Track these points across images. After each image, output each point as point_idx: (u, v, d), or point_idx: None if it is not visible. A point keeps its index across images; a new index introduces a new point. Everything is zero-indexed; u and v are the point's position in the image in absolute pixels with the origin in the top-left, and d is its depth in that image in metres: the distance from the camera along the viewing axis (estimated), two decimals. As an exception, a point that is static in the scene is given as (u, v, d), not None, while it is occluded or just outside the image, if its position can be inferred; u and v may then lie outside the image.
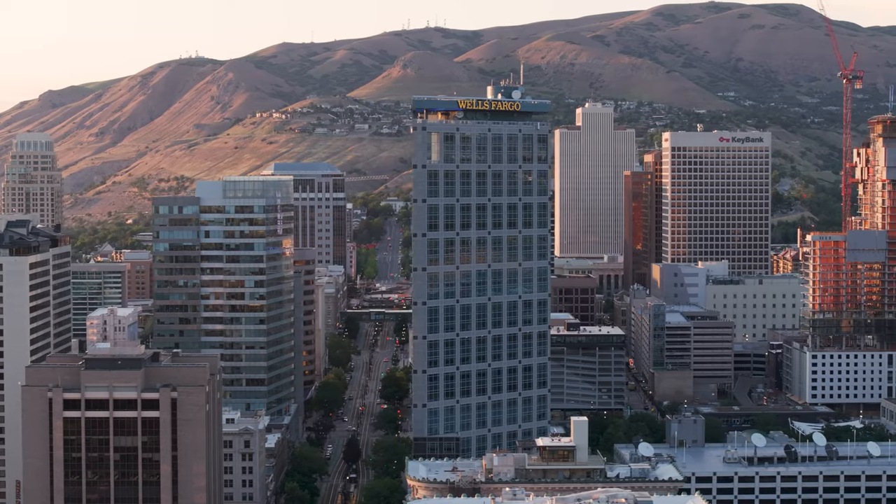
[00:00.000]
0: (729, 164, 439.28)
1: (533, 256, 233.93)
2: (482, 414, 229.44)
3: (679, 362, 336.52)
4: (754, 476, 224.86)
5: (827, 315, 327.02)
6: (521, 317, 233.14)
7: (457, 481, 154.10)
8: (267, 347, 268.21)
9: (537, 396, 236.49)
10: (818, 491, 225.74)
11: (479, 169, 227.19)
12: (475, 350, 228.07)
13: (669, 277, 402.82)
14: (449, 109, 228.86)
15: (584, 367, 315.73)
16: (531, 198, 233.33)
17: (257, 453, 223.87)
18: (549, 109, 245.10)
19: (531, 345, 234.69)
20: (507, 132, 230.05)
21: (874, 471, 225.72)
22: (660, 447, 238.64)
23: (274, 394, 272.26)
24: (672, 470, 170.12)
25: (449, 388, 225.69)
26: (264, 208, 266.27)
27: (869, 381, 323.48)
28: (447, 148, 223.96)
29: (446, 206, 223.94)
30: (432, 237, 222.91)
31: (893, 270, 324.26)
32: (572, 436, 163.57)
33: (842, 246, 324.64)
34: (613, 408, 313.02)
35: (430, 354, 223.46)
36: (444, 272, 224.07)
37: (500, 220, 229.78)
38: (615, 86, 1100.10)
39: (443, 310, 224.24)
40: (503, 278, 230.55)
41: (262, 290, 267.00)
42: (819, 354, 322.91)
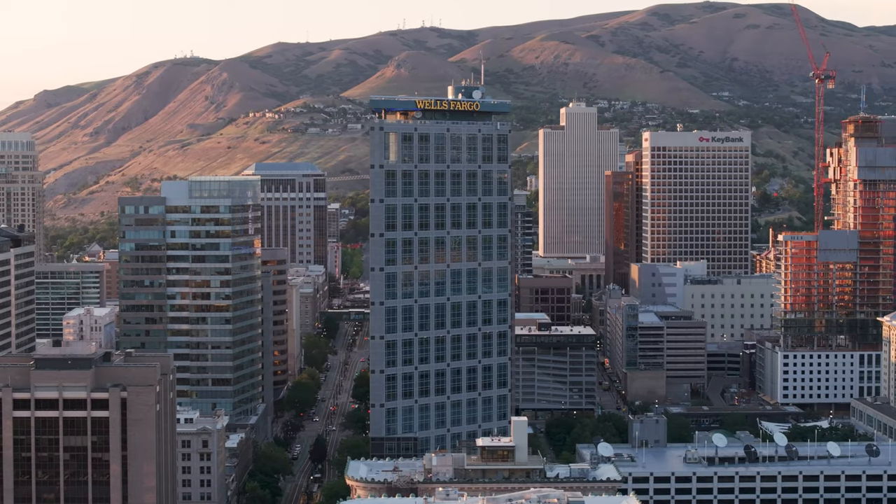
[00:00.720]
0: (709, 164, 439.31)
1: (493, 256, 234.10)
2: (441, 414, 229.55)
3: (652, 362, 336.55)
4: (713, 476, 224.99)
5: (798, 315, 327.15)
6: (480, 317, 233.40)
7: (394, 481, 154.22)
8: (233, 347, 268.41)
9: (497, 396, 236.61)
10: (777, 491, 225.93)
11: (438, 169, 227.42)
12: (434, 350, 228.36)
13: (647, 277, 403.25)
14: (408, 109, 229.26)
15: (556, 367, 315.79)
16: (491, 198, 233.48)
17: (215, 453, 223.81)
18: (509, 110, 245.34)
19: (491, 345, 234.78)
20: (466, 132, 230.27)
21: (833, 471, 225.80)
22: (622, 447, 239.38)
23: (240, 393, 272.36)
24: (612, 471, 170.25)
25: (407, 388, 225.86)
26: (230, 208, 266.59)
27: (840, 381, 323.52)
28: (405, 148, 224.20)
29: (404, 206, 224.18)
30: (390, 237, 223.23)
31: (865, 270, 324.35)
32: (512, 436, 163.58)
33: (813, 246, 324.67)
34: (584, 408, 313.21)
35: (388, 354, 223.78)
36: (402, 272, 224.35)
37: (459, 220, 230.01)
38: (609, 86, 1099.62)
39: (401, 310, 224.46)
40: (462, 278, 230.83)
41: (227, 290, 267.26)
42: (790, 354, 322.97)
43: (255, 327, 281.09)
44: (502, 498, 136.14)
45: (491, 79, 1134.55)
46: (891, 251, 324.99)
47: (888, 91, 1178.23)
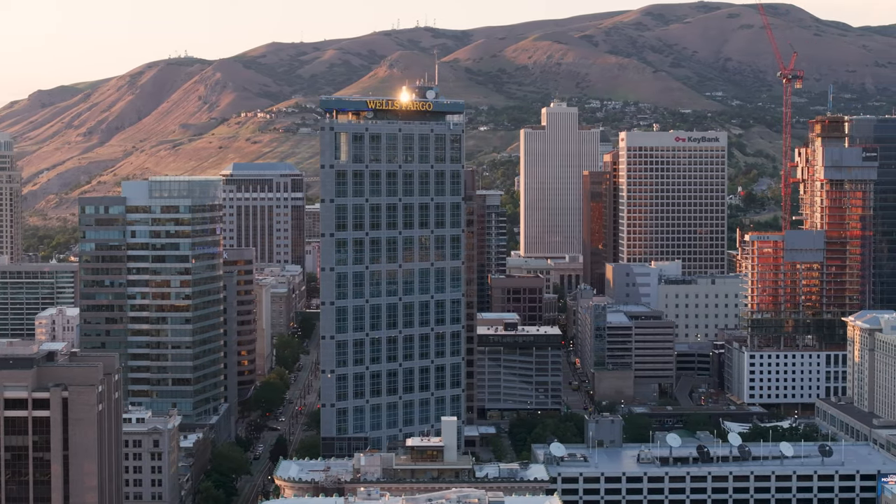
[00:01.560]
0: (685, 164, 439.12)
1: (446, 256, 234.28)
2: (393, 414, 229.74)
3: (620, 362, 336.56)
4: (664, 476, 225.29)
5: (765, 315, 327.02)
6: (433, 317, 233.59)
7: (321, 481, 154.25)
8: (193, 347, 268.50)
9: (451, 396, 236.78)
10: (728, 491, 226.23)
11: (390, 169, 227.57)
12: (386, 350, 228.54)
13: (621, 277, 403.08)
14: (359, 109, 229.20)
15: (522, 367, 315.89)
16: (444, 198, 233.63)
17: (167, 453, 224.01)
18: (462, 110, 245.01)
19: (444, 345, 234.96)
20: (418, 132, 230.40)
21: (785, 471, 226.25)
22: (577, 447, 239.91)
23: (201, 393, 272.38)
24: (541, 471, 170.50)
25: (358, 388, 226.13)
26: (190, 208, 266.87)
27: (807, 381, 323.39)
28: (356, 148, 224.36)
29: (355, 206, 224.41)
30: (340, 237, 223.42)
31: (832, 270, 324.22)
32: (442, 436, 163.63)
33: (780, 246, 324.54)
34: (550, 407, 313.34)
35: (339, 354, 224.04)
36: (352, 272, 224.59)
37: (411, 220, 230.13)
38: (602, 85, 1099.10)
39: (351, 310, 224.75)
40: (415, 278, 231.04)
41: (187, 290, 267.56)
42: (757, 354, 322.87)
43: (217, 327, 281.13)
44: (422, 498, 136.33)
45: (483, 79, 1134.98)
46: (857, 251, 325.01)
47: (882, 91, 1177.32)
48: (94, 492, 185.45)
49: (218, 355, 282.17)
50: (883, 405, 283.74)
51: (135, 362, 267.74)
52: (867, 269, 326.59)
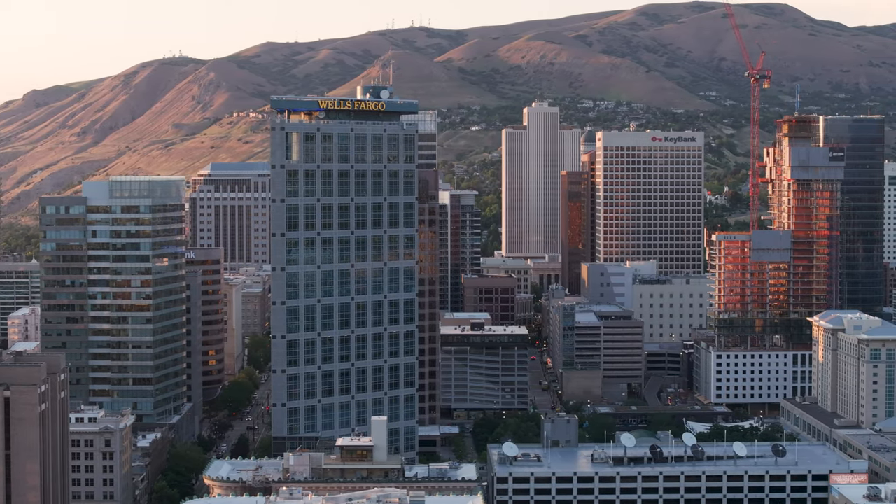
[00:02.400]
0: (662, 164, 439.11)
1: (399, 256, 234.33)
2: (345, 413, 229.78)
3: (588, 362, 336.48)
4: (615, 476, 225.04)
5: (732, 315, 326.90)
6: (386, 316, 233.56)
7: (249, 481, 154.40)
8: (154, 347, 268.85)
9: (404, 396, 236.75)
10: (680, 491, 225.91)
11: (342, 169, 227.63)
12: (338, 350, 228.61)
13: (596, 277, 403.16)
14: (311, 109, 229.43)
15: (488, 367, 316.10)
16: (397, 198, 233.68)
17: (118, 452, 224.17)
18: (416, 110, 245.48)
19: (397, 344, 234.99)
20: (371, 132, 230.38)
21: (737, 471, 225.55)
22: (532, 447, 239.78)
23: (162, 393, 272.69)
24: (470, 471, 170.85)
25: (310, 388, 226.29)
26: (150, 208, 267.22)
27: (773, 382, 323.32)
28: (307, 148, 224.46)
29: (306, 206, 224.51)
30: (291, 237, 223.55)
31: (799, 270, 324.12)
32: (371, 436, 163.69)
33: (747, 246, 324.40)
34: (517, 407, 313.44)
35: (290, 354, 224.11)
36: (304, 272, 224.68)
37: (363, 219, 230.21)
38: (594, 85, 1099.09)
39: (303, 309, 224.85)
40: (367, 278, 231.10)
41: (148, 290, 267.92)
42: (724, 354, 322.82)
43: (179, 326, 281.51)
44: (342, 497, 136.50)
45: (477, 78, 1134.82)
46: (824, 251, 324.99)
47: (876, 90, 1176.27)
48: (36, 491, 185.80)
49: (180, 355, 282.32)
50: (845, 405, 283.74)
51: (96, 362, 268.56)
52: (834, 269, 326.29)
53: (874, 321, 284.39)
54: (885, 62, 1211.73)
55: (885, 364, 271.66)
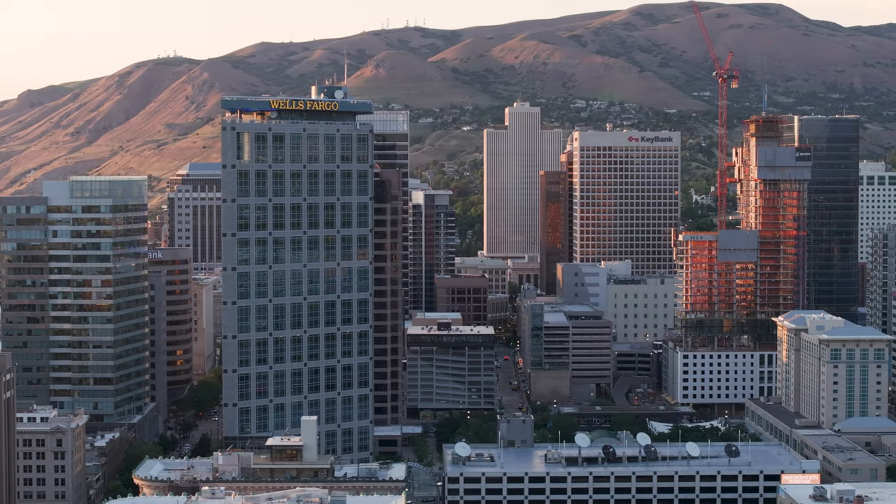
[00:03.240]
0: (638, 164, 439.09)
1: (353, 256, 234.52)
2: (298, 413, 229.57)
3: (557, 362, 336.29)
4: (566, 476, 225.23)
5: (699, 315, 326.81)
6: (339, 316, 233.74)
7: (177, 480, 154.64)
8: (115, 346, 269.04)
9: (358, 396, 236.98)
10: (631, 492, 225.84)
11: (294, 169, 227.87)
12: (290, 350, 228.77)
13: (570, 277, 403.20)
14: (263, 110, 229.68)
15: (454, 367, 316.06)
16: (350, 198, 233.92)
17: (70, 452, 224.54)
18: (371, 110, 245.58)
19: (351, 344, 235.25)
20: (324, 132, 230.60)
21: (688, 471, 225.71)
22: (487, 447, 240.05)
23: (123, 392, 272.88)
24: (400, 471, 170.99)
25: (262, 388, 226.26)
26: (111, 208, 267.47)
27: (740, 381, 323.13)
28: (259, 148, 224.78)
29: (258, 206, 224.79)
30: (243, 237, 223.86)
31: (766, 270, 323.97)
32: (301, 436, 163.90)
33: (714, 246, 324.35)
34: (483, 407, 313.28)
35: (241, 354, 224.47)
36: (255, 272, 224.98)
37: (316, 219, 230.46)
38: (588, 85, 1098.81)
39: (254, 309, 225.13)
40: (320, 278, 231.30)
41: (109, 290, 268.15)
42: (690, 354, 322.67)
43: (141, 326, 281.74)
44: (262, 497, 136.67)
45: (470, 78, 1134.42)
46: (792, 251, 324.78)
47: (870, 91, 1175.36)
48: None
49: (143, 355, 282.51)
50: (807, 405, 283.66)
51: (56, 361, 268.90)
52: (801, 269, 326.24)
53: (837, 321, 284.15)
54: (880, 62, 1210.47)
55: (846, 364, 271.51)
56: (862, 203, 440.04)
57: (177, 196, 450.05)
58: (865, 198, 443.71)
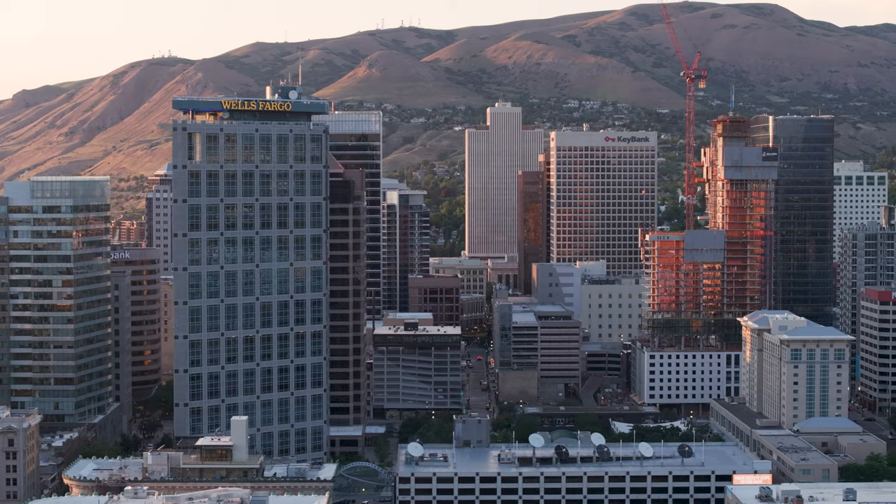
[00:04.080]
0: (615, 164, 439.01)
1: (306, 256, 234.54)
2: (250, 413, 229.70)
3: (525, 362, 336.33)
4: (518, 476, 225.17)
5: (666, 315, 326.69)
6: (293, 317, 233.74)
7: (105, 480, 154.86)
8: (76, 347, 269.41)
9: (312, 396, 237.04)
10: (583, 492, 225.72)
11: (246, 169, 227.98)
12: (242, 350, 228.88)
13: (545, 277, 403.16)
14: (215, 110, 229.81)
15: (421, 368, 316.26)
16: (304, 198, 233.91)
17: (22, 452, 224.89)
18: (325, 110, 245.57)
19: (304, 344, 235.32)
20: (276, 132, 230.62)
21: (640, 472, 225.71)
22: (442, 447, 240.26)
23: (84, 392, 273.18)
24: (329, 471, 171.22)
25: (213, 388, 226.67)
26: (72, 208, 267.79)
27: (707, 382, 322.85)
28: (210, 148, 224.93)
29: (209, 206, 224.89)
30: (194, 237, 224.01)
31: (733, 270, 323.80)
32: (231, 436, 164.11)
33: (680, 246, 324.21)
34: (449, 407, 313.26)
35: (193, 354, 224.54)
36: (206, 272, 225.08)
37: (269, 220, 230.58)
38: (581, 85, 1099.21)
39: (206, 309, 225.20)
40: (273, 278, 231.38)
41: (69, 290, 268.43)
42: (657, 354, 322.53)
43: (103, 326, 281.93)
44: (183, 497, 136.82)
45: (463, 78, 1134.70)
46: (759, 251, 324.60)
47: (864, 91, 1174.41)
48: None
49: (105, 355, 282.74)
50: (770, 405, 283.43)
51: (17, 362, 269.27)
52: (769, 269, 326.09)
53: (800, 321, 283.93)
54: (874, 62, 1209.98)
55: (806, 364, 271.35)
56: (839, 203, 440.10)
57: (154, 196, 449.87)
58: (843, 198, 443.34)
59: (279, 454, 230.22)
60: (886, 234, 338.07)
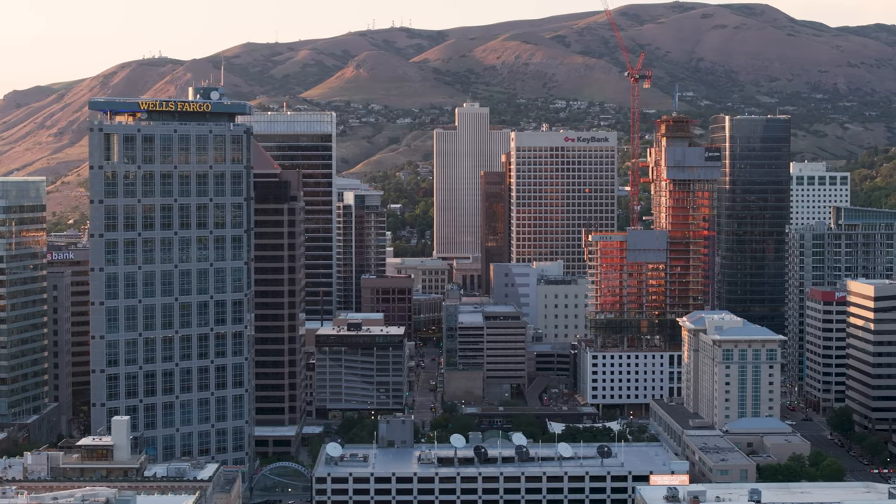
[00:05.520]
0: (574, 164, 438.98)
1: (226, 257, 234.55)
2: (169, 414, 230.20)
3: (471, 362, 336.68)
4: (434, 477, 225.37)
5: (609, 315, 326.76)
6: (213, 317, 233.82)
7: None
8: (9, 347, 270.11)
9: (233, 396, 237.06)
10: (500, 492, 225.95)
11: (165, 170, 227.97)
12: (161, 350, 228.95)
13: (501, 277, 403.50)
14: (133, 111, 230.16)
15: (363, 368, 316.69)
16: (224, 198, 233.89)
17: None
18: (247, 111, 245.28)
19: (225, 345, 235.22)
20: (195, 133, 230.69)
21: (557, 472, 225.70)
22: (363, 447, 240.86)
23: (19, 393, 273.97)
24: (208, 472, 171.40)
25: (131, 388, 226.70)
26: (5, 209, 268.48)
27: (650, 382, 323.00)
28: (128, 149, 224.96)
29: (126, 207, 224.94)
30: (111, 238, 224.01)
31: (676, 271, 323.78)
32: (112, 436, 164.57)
33: (623, 246, 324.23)
34: (391, 408, 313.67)
35: (110, 354, 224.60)
36: (124, 272, 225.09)
37: (188, 220, 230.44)
38: (568, 86, 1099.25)
39: (123, 310, 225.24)
40: (192, 278, 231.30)
41: (2, 291, 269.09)
42: (600, 355, 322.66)
43: (38, 327, 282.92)
44: (48, 496, 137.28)
45: (451, 79, 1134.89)
46: (702, 251, 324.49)
47: (854, 91, 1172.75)
48: None
49: (40, 355, 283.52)
50: (705, 406, 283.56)
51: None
52: (712, 269, 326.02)
53: (736, 322, 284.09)
54: (864, 62, 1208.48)
55: (738, 365, 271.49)
56: (799, 203, 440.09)
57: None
58: (804, 198, 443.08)
59: (199, 454, 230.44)
60: (834, 235, 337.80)
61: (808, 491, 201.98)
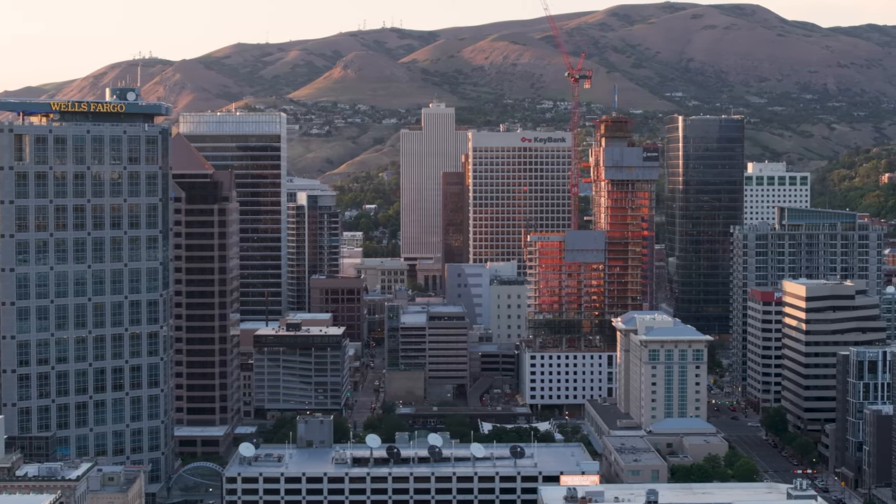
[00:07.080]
0: (531, 165, 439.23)
1: (141, 257, 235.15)
2: (83, 413, 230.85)
3: (413, 363, 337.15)
4: (344, 477, 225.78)
5: (547, 316, 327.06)
6: (127, 317, 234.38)
7: None
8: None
9: (148, 396, 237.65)
10: (410, 492, 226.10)
11: (77, 170, 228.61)
12: (74, 350, 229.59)
13: (454, 278, 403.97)
14: (45, 112, 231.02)
15: (301, 368, 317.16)
16: (138, 199, 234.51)
17: None
18: (163, 112, 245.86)
19: (140, 345, 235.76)
20: (109, 133, 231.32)
21: (466, 472, 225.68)
22: (278, 447, 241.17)
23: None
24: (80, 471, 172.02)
25: (44, 388, 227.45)
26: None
27: (588, 382, 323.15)
28: (39, 150, 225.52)
29: (38, 207, 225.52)
30: (21, 238, 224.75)
31: (614, 271, 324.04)
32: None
33: (562, 246, 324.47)
34: (330, 408, 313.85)
35: (21, 354, 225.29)
36: (35, 272, 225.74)
37: (101, 221, 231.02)
38: (556, 86, 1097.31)
39: (34, 310, 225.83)
40: (106, 279, 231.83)
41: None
42: (538, 355, 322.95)
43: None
44: None
45: (439, 79, 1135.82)
46: (641, 251, 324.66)
47: (844, 91, 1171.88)
48: None
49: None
50: (634, 406, 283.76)
51: None
52: (651, 270, 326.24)
53: (667, 322, 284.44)
54: (854, 63, 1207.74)
55: (664, 365, 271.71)
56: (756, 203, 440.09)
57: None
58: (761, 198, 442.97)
59: (114, 454, 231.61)
60: (777, 235, 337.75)
61: (710, 491, 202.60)
